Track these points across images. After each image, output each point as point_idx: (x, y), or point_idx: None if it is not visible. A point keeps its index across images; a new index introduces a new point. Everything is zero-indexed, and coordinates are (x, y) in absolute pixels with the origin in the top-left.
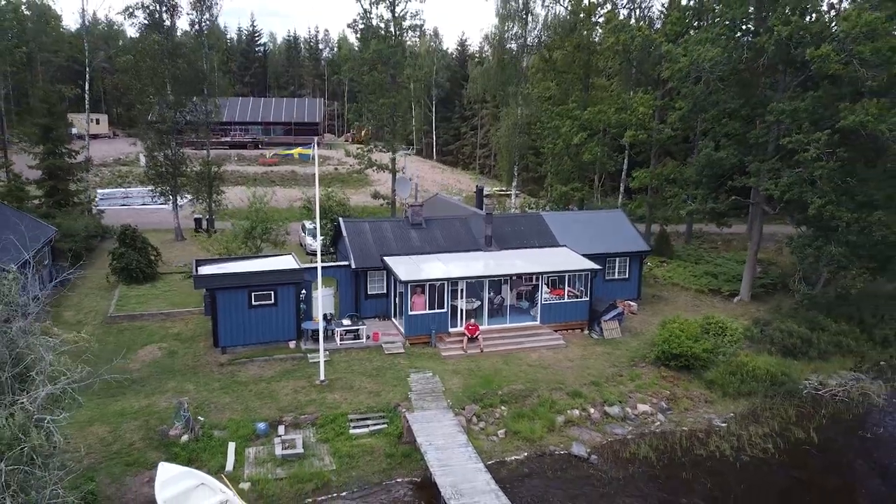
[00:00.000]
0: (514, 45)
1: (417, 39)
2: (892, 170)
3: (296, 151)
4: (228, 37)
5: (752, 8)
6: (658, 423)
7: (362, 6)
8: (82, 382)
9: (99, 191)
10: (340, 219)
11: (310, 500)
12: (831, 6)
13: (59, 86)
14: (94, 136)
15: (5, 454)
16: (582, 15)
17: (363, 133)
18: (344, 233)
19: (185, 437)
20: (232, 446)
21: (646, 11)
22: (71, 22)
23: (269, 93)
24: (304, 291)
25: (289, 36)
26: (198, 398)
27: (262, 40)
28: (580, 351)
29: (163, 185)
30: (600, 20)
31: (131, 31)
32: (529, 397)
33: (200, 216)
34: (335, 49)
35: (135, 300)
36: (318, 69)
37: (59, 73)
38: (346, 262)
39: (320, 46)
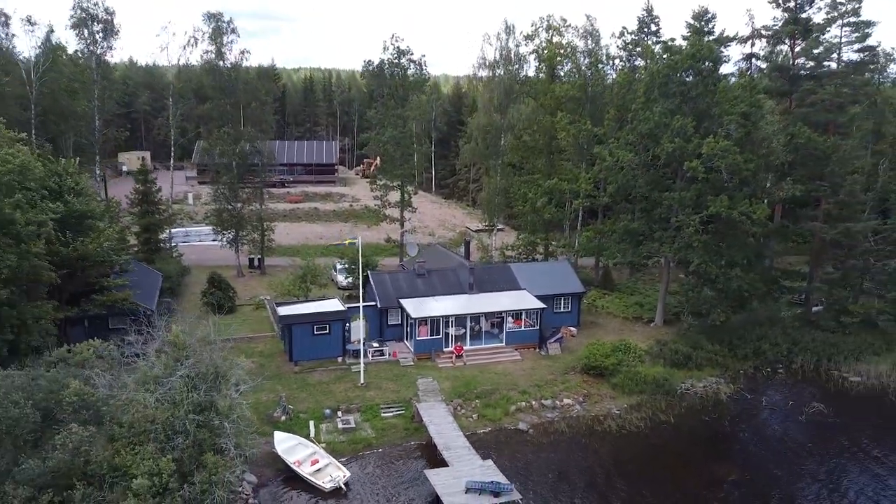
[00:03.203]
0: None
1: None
2: (743, 240)
3: (347, 241)
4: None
5: (652, 125)
6: (576, 410)
7: (385, 105)
8: (252, 385)
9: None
10: (369, 272)
11: (361, 453)
12: (700, 133)
13: (111, 129)
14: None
15: (227, 418)
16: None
17: (372, 168)
18: (371, 282)
19: (283, 418)
20: (312, 423)
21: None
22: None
23: (287, 129)
24: (347, 324)
25: (305, 78)
26: (286, 394)
27: (281, 81)
28: (531, 364)
29: (227, 232)
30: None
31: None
32: (494, 394)
33: (253, 256)
34: (346, 90)
35: (224, 327)
36: (332, 108)
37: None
38: (373, 303)
39: (333, 89)
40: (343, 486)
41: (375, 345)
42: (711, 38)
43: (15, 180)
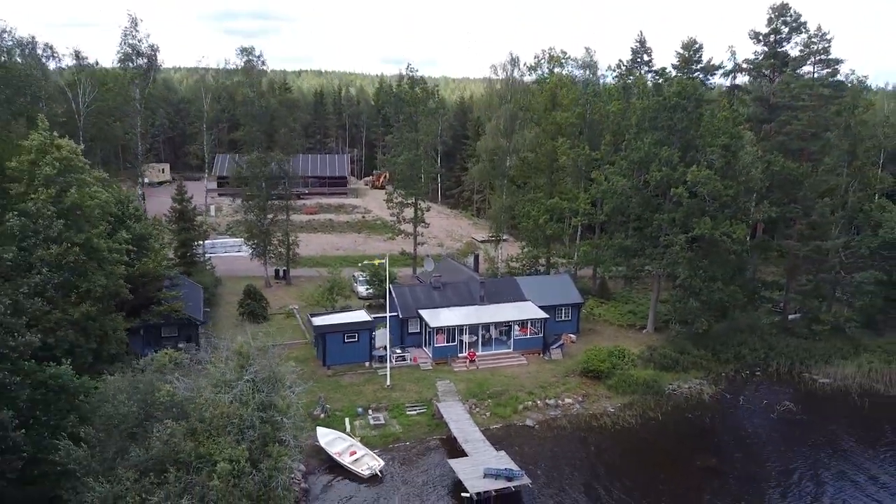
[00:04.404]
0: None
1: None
2: (724, 257)
3: (377, 261)
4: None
5: (643, 155)
6: (576, 408)
7: (400, 131)
8: (303, 387)
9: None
10: (391, 286)
11: (391, 445)
12: (685, 162)
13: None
14: (161, 184)
15: (286, 415)
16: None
17: (381, 180)
18: (393, 294)
19: (322, 416)
20: (347, 420)
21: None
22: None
23: (297, 141)
24: (373, 333)
25: (315, 92)
26: (324, 395)
27: (293, 96)
28: (536, 367)
29: (256, 246)
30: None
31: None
32: (504, 394)
33: (278, 267)
34: (356, 104)
35: (261, 335)
36: (341, 120)
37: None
38: (395, 313)
39: (343, 102)
40: (378, 473)
41: (398, 351)
42: (699, 66)
43: (99, 214)
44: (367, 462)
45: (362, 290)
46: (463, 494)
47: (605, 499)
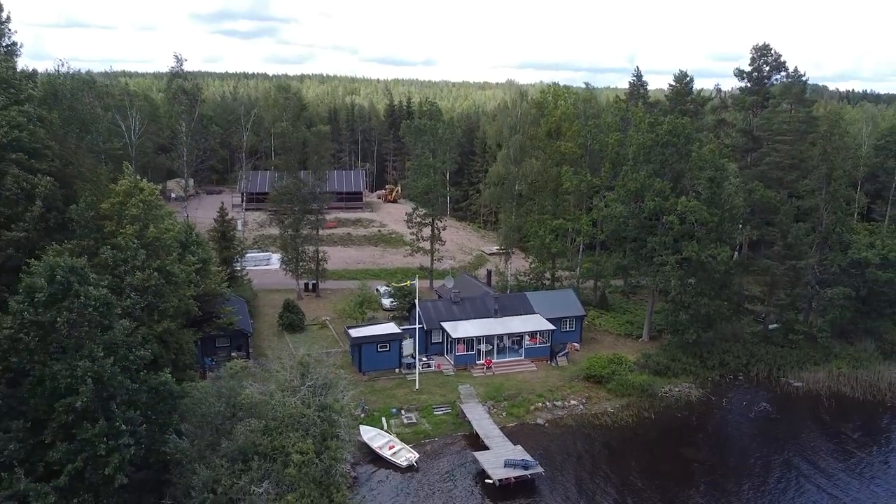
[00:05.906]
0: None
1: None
2: (711, 275)
3: (408, 282)
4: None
5: (639, 185)
6: (580, 409)
7: (421, 162)
8: (351, 392)
9: None
10: (416, 300)
11: (422, 441)
12: (676, 192)
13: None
14: (187, 197)
15: (341, 415)
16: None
17: (393, 194)
18: (417, 309)
19: (362, 415)
20: (384, 419)
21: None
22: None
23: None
24: (402, 343)
25: (330, 108)
26: (364, 397)
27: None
28: (544, 373)
29: (289, 260)
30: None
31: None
32: (517, 397)
33: (307, 281)
34: (367, 119)
35: (302, 344)
36: (354, 136)
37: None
38: (420, 325)
39: (356, 119)
40: (414, 464)
41: (424, 359)
42: (690, 97)
43: (172, 244)
44: (405, 455)
45: (387, 302)
46: (487, 481)
47: (605, 484)
